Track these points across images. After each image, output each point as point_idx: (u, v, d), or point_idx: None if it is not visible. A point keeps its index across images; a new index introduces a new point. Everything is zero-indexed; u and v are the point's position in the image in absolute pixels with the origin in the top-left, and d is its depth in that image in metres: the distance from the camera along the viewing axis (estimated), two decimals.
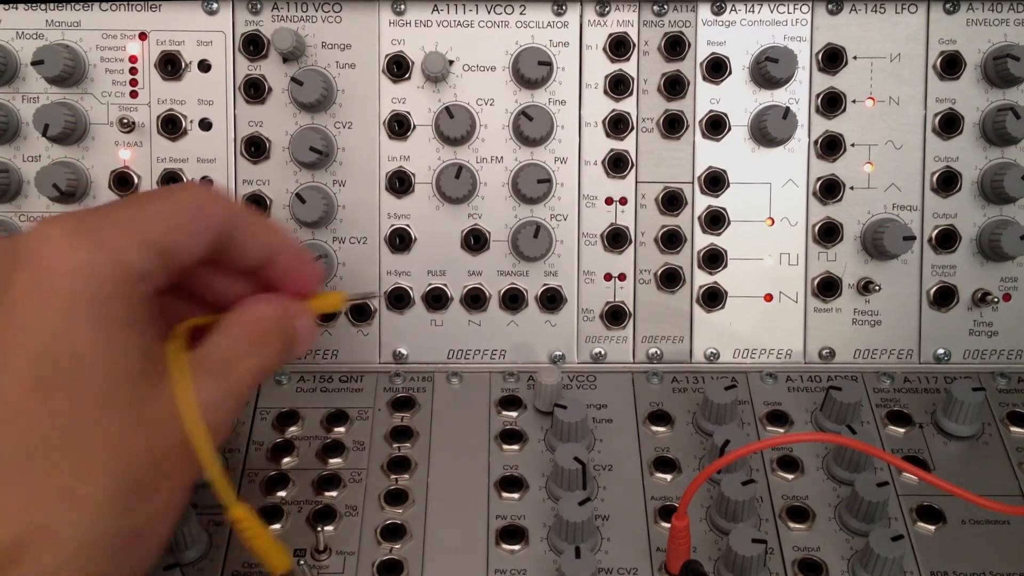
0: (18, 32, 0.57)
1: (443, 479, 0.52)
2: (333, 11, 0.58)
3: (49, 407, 0.34)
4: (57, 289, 0.35)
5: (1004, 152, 0.58)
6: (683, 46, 0.58)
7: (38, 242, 0.36)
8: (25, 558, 0.33)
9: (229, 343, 0.41)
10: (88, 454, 0.34)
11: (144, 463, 0.36)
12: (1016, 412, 0.55)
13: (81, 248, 0.36)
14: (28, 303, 0.35)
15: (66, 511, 0.34)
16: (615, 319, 0.59)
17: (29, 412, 0.34)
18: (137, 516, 0.36)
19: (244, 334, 0.42)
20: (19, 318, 0.35)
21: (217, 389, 0.39)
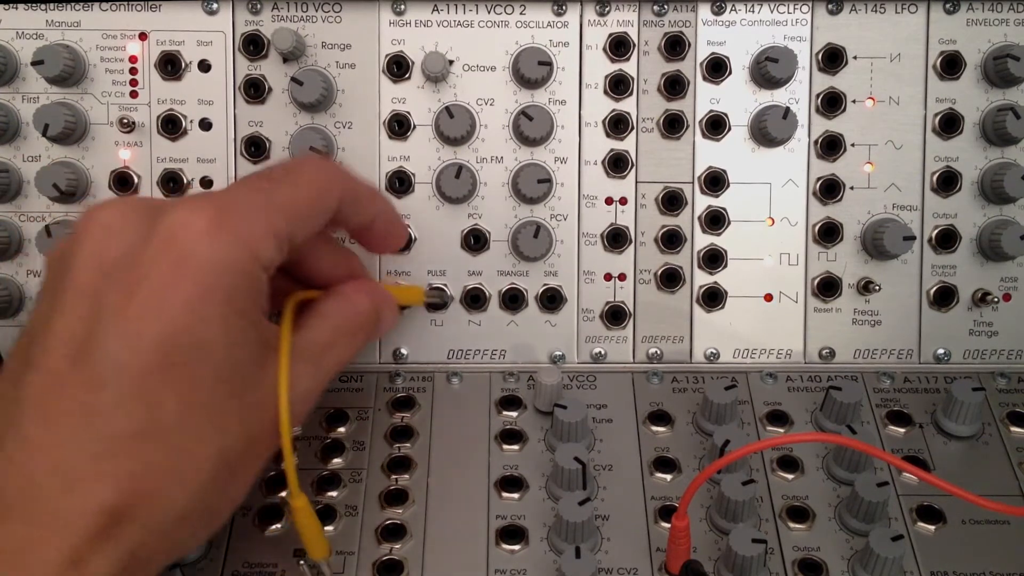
0: (18, 32, 0.58)
1: (443, 479, 0.52)
2: (333, 11, 0.58)
3: (170, 388, 0.36)
4: (195, 279, 0.37)
5: (1004, 152, 0.58)
6: (683, 46, 0.58)
7: (181, 230, 0.37)
8: (125, 521, 0.35)
9: (327, 332, 0.43)
10: (197, 436, 0.37)
11: (240, 447, 0.39)
12: (1016, 412, 0.55)
13: (222, 243, 0.37)
14: (165, 287, 0.36)
15: (170, 486, 0.36)
16: (615, 319, 0.59)
17: (151, 391, 0.36)
18: (223, 495, 0.39)
19: (340, 323, 0.44)
20: (155, 300, 0.36)
21: (312, 377, 0.42)
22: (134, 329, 0.36)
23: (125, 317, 0.36)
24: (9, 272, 0.58)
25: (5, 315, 0.58)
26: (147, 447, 0.36)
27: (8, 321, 0.58)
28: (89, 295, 0.37)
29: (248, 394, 0.39)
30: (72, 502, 0.34)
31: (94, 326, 0.36)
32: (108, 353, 0.35)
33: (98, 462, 0.35)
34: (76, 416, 0.35)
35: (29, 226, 0.58)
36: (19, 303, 0.58)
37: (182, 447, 0.37)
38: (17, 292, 0.58)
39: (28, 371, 0.36)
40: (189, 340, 0.36)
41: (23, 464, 0.35)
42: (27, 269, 0.58)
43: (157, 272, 0.36)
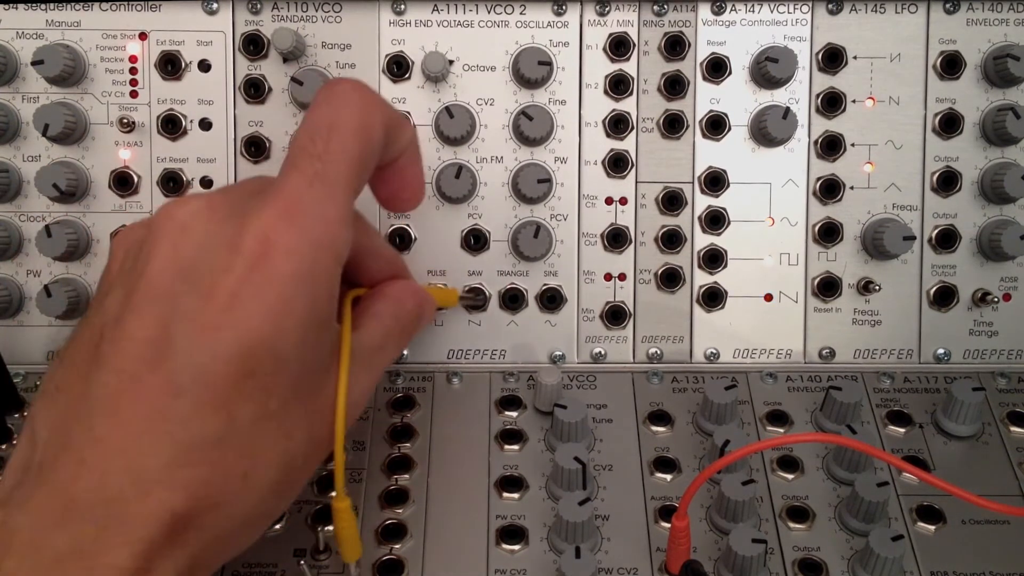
0: (18, 32, 0.58)
1: (443, 479, 0.52)
2: (333, 11, 0.58)
3: (245, 398, 0.36)
4: (278, 291, 0.36)
5: (1004, 152, 0.58)
6: (683, 46, 0.58)
7: (264, 240, 0.36)
8: (192, 528, 0.35)
9: (379, 334, 0.43)
10: (267, 444, 0.37)
11: (303, 451, 0.39)
12: (1016, 412, 0.55)
13: (306, 254, 0.37)
14: (247, 297, 0.36)
15: (238, 493, 0.37)
16: (615, 319, 0.59)
17: (227, 400, 0.35)
18: (281, 498, 0.40)
19: (391, 326, 0.44)
20: (237, 310, 0.36)
21: (367, 380, 0.42)
22: (214, 338, 0.35)
23: (205, 325, 0.35)
24: (9, 272, 0.58)
25: (5, 315, 0.58)
26: (220, 455, 0.36)
27: (8, 321, 0.58)
28: (167, 298, 0.36)
29: (314, 400, 0.39)
30: (144, 507, 0.34)
31: (172, 331, 0.35)
32: (187, 360, 0.35)
33: (172, 468, 0.35)
34: (152, 421, 0.35)
35: (29, 226, 0.58)
36: (19, 303, 0.58)
37: (252, 455, 0.37)
38: (17, 292, 0.58)
39: (100, 370, 0.36)
40: (268, 352, 0.36)
41: (95, 465, 0.34)
42: (27, 269, 0.58)
43: (238, 281, 0.36)
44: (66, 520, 0.33)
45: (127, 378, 0.35)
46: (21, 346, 0.58)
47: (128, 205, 0.58)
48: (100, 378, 0.35)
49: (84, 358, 0.37)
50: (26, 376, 0.57)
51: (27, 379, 0.57)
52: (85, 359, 0.37)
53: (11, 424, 0.53)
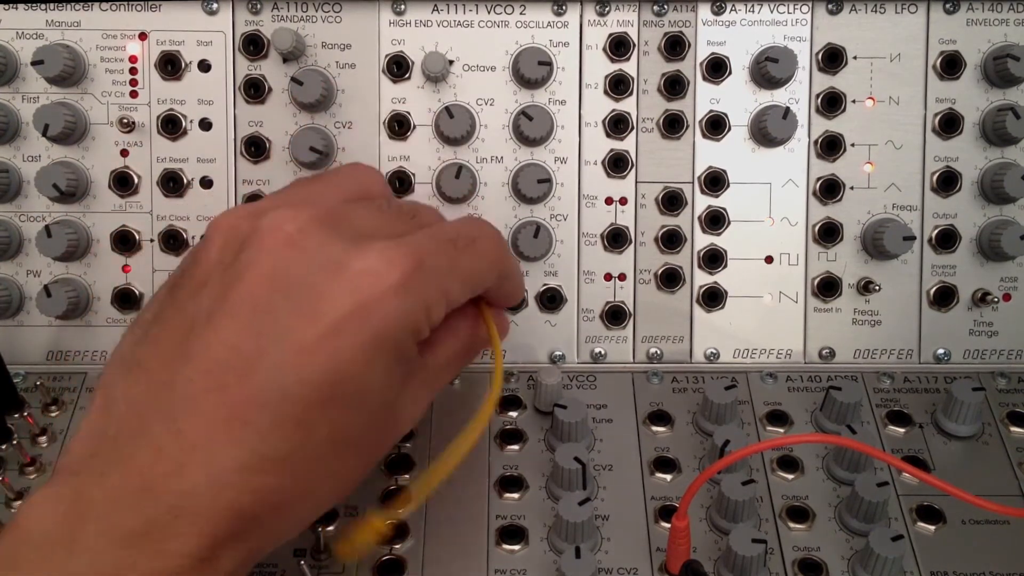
0: (18, 32, 0.58)
1: (443, 479, 0.52)
2: (333, 11, 0.58)
3: (325, 422, 0.37)
4: (373, 329, 0.37)
5: (1004, 152, 0.58)
6: (683, 46, 0.58)
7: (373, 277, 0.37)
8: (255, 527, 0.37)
9: (448, 354, 0.44)
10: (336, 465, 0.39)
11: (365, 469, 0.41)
12: (1016, 412, 0.55)
13: (407, 303, 0.38)
14: (344, 328, 0.37)
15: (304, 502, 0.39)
16: (615, 319, 0.59)
17: (308, 422, 0.36)
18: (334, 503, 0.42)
19: (460, 350, 0.45)
20: (332, 337, 0.36)
21: (427, 399, 0.44)
22: (307, 361, 0.36)
23: (300, 347, 0.36)
24: (9, 272, 0.58)
25: (5, 315, 0.58)
26: (292, 468, 0.37)
27: (8, 321, 0.58)
28: (264, 310, 0.37)
29: (388, 424, 0.41)
30: (216, 503, 0.35)
31: (265, 345, 0.36)
32: (275, 377, 0.36)
33: (245, 473, 0.35)
34: (232, 426, 0.35)
35: (29, 226, 0.58)
36: (19, 303, 0.58)
37: (321, 472, 0.38)
38: (17, 292, 0.58)
39: (187, 365, 0.36)
40: (354, 384, 0.37)
41: (173, 456, 0.35)
42: (27, 269, 0.58)
43: (340, 313, 0.37)
44: (142, 502, 0.35)
45: (213, 382, 0.36)
46: (21, 346, 0.58)
47: (128, 205, 0.58)
48: (186, 373, 0.36)
49: (171, 345, 0.38)
50: (26, 376, 0.57)
51: (27, 379, 0.57)
52: (172, 347, 0.37)
53: (11, 424, 0.53)
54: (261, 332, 0.36)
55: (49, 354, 0.58)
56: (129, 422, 0.37)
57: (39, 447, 0.53)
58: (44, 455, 0.53)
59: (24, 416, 0.54)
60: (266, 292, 0.37)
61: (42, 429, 0.54)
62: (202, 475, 0.35)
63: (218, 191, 0.58)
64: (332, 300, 0.37)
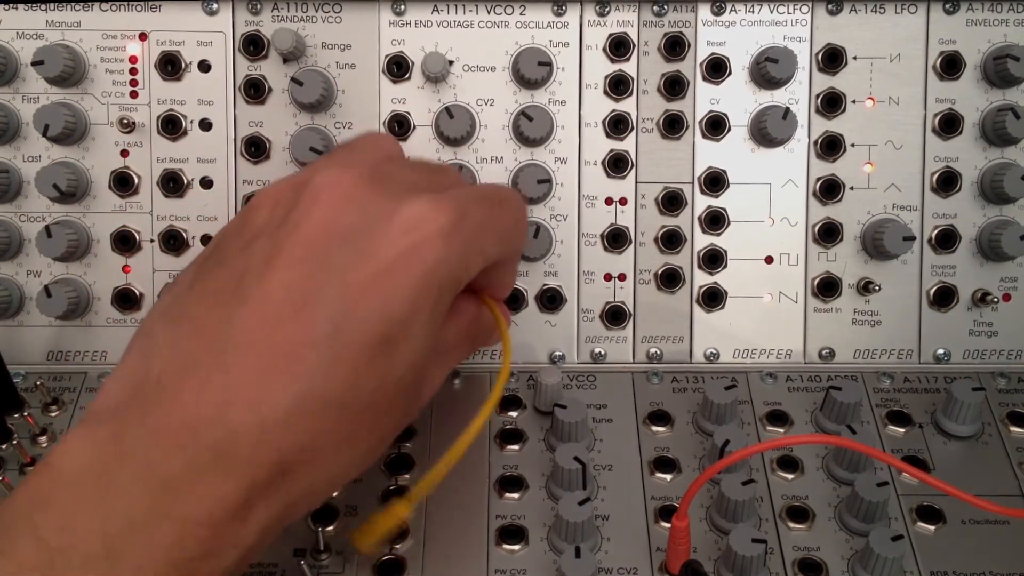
0: (18, 32, 0.58)
1: (443, 479, 0.52)
2: (333, 11, 0.58)
3: (372, 368, 0.37)
4: (423, 273, 0.38)
5: (1004, 152, 0.58)
6: (683, 46, 0.58)
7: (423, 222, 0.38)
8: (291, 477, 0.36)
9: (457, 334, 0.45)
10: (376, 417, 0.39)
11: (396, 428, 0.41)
12: (1016, 412, 0.55)
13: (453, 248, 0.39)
14: (397, 272, 0.37)
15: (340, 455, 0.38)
16: (615, 319, 0.59)
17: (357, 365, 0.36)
18: (367, 465, 0.41)
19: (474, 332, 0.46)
20: (385, 280, 0.37)
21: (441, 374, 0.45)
22: (361, 300, 0.36)
23: (355, 285, 0.36)
24: (9, 272, 0.58)
25: (5, 315, 0.58)
26: (336, 415, 0.36)
27: (8, 321, 0.58)
28: (320, 253, 0.37)
29: (415, 390, 0.41)
30: (258, 446, 0.35)
31: (322, 283, 0.36)
32: (330, 314, 0.36)
33: (291, 416, 0.35)
34: (283, 365, 0.35)
35: (29, 226, 0.58)
36: (19, 303, 0.58)
37: (362, 423, 0.38)
38: (17, 292, 0.58)
39: (242, 306, 0.36)
40: (402, 328, 0.37)
41: (218, 393, 0.35)
42: (27, 269, 0.58)
43: (392, 253, 0.37)
44: (183, 443, 0.34)
45: (269, 318, 0.36)
46: (21, 346, 0.58)
47: (128, 205, 0.58)
48: (240, 312, 0.36)
49: (223, 293, 0.37)
50: (26, 376, 0.57)
51: (27, 379, 0.57)
52: (224, 294, 0.37)
53: (11, 424, 0.53)
54: (317, 273, 0.37)
55: (49, 354, 0.58)
56: (173, 363, 0.36)
57: (39, 447, 0.53)
58: (44, 455, 0.53)
59: (24, 416, 0.54)
60: (323, 238, 0.37)
61: (42, 429, 0.54)
62: (247, 415, 0.34)
63: (218, 191, 0.58)
64: (385, 242, 0.37)
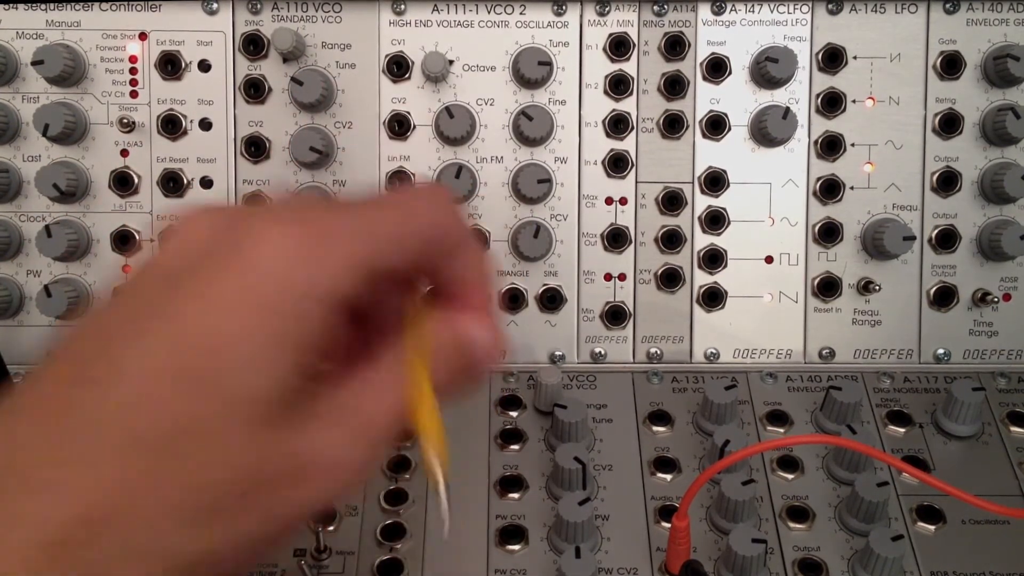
0: (18, 32, 0.58)
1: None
2: (333, 11, 0.58)
3: (179, 400, 0.30)
4: (258, 298, 0.30)
5: (1004, 152, 0.58)
6: (683, 46, 0.58)
7: (257, 246, 0.31)
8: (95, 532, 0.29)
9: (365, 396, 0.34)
10: (189, 457, 0.30)
11: (237, 484, 0.31)
12: (1016, 412, 0.55)
13: (301, 270, 0.31)
14: (209, 295, 0.30)
15: (144, 505, 0.29)
16: (615, 319, 0.59)
17: (157, 396, 0.30)
18: (198, 539, 0.30)
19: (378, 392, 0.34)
20: (195, 305, 0.30)
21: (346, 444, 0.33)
22: (158, 333, 0.30)
23: (161, 316, 0.30)
24: (9, 272, 0.58)
25: (5, 315, 0.58)
26: (137, 460, 0.29)
27: (8, 321, 0.58)
28: (138, 295, 0.32)
29: (267, 434, 0.31)
30: (45, 504, 0.28)
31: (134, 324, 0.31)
32: (127, 353, 0.30)
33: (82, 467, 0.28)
34: (76, 416, 0.30)
35: (29, 226, 0.58)
36: (19, 303, 0.58)
37: (171, 466, 0.29)
38: (17, 292, 0.58)
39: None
40: (220, 361, 0.30)
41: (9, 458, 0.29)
42: (27, 269, 0.58)
43: (217, 286, 0.31)
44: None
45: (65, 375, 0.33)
46: (21, 346, 0.58)
47: (128, 205, 0.58)
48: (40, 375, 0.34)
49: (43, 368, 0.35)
50: (26, 376, 0.57)
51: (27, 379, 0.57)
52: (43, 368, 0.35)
53: None
54: (134, 313, 0.32)
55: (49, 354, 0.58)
56: None
57: None
58: None
59: None
60: (147, 282, 0.33)
61: None
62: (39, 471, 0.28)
63: (218, 191, 0.58)
64: (212, 277, 0.31)
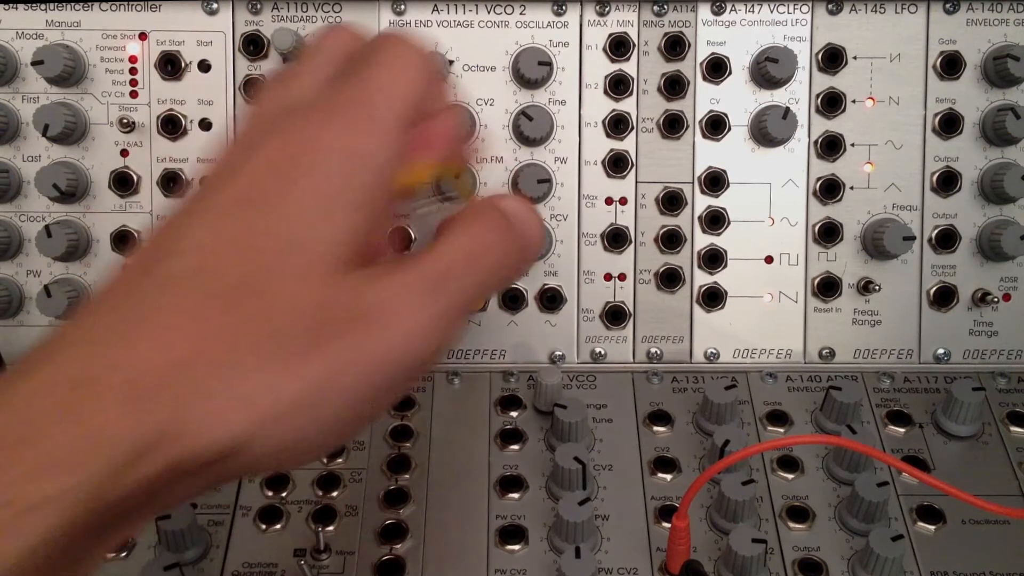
0: (18, 32, 0.58)
1: (443, 479, 0.52)
2: (333, 11, 0.58)
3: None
4: (326, 157, 0.31)
5: (1004, 152, 0.58)
6: (683, 46, 0.58)
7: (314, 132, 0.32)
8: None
9: (444, 250, 0.34)
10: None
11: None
12: (1016, 412, 0.55)
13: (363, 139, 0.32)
14: (294, 159, 0.31)
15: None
16: (615, 319, 0.59)
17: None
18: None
19: (461, 255, 0.34)
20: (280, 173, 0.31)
21: (429, 308, 0.32)
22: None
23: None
24: (9, 272, 0.58)
25: (5, 315, 0.58)
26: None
27: (8, 321, 0.58)
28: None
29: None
30: (138, 353, 0.28)
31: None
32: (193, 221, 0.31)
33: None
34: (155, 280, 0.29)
35: (29, 226, 0.58)
36: (19, 303, 0.58)
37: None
38: (17, 292, 0.58)
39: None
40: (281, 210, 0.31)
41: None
42: (27, 269, 0.58)
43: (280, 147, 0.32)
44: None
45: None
46: (21, 346, 0.58)
47: (128, 205, 0.58)
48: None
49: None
50: None
51: None
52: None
53: None
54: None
55: None
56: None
57: None
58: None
59: None
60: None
61: None
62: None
63: None
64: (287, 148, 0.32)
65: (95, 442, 0.26)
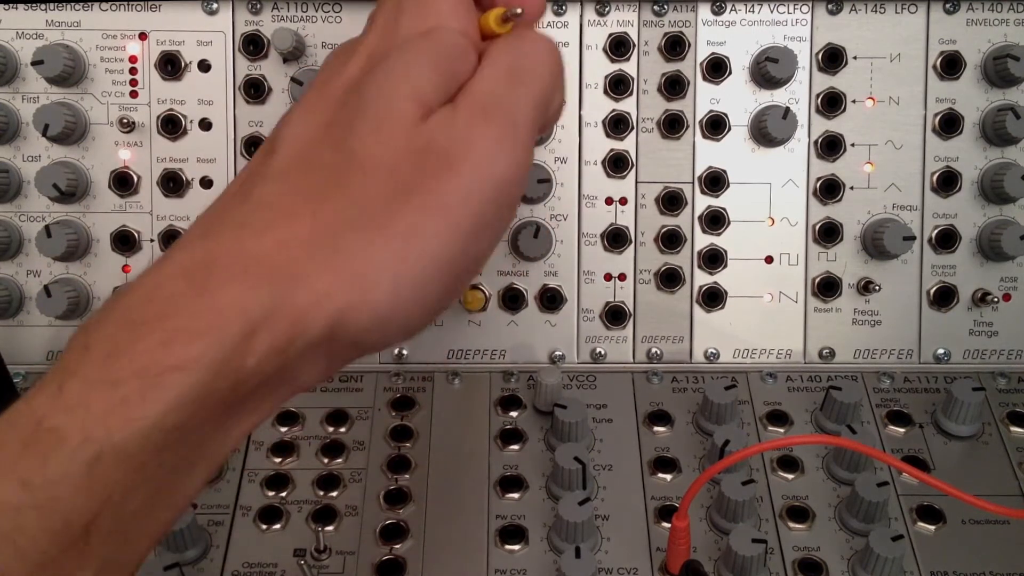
0: (18, 32, 0.58)
1: (443, 479, 0.52)
2: (333, 11, 0.58)
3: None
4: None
5: (1004, 152, 0.58)
6: (683, 46, 0.58)
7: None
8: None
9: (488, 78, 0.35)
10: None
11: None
12: (1016, 412, 0.55)
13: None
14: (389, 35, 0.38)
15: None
16: (615, 319, 0.59)
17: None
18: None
19: (501, 68, 0.36)
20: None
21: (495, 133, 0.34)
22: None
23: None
24: (9, 272, 0.58)
25: (5, 315, 0.58)
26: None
27: (8, 321, 0.58)
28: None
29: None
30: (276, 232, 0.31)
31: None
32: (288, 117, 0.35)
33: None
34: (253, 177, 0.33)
35: (29, 226, 0.58)
36: (19, 303, 0.58)
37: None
38: (17, 292, 0.58)
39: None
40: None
41: None
42: (27, 269, 0.58)
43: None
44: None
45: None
46: (21, 346, 0.58)
47: (128, 205, 0.58)
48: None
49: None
50: (26, 376, 0.57)
51: (27, 379, 0.57)
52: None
53: None
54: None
55: (49, 354, 0.58)
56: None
57: None
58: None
59: None
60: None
61: None
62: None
63: (218, 191, 0.58)
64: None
65: (223, 313, 0.28)
